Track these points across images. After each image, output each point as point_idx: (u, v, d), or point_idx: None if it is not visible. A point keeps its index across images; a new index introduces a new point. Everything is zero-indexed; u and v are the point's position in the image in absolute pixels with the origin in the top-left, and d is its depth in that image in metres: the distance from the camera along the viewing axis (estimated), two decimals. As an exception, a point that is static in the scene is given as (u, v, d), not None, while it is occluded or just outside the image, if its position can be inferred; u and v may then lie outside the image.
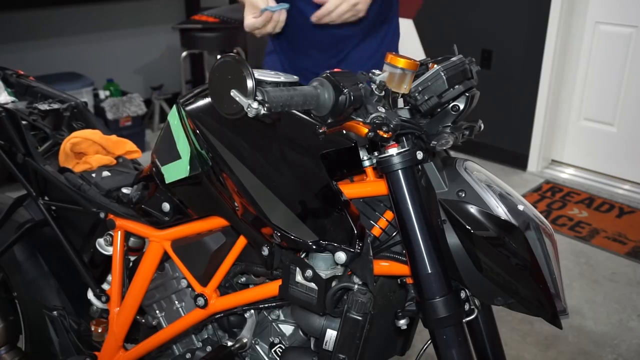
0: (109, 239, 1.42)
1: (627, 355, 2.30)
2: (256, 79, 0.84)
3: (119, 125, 3.93)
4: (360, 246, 0.99)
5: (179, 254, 1.28)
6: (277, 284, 1.11)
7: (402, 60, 0.93)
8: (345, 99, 0.91)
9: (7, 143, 1.60)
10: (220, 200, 1.15)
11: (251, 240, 1.15)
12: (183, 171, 1.20)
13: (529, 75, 3.71)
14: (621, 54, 3.49)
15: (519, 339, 2.36)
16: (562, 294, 1.00)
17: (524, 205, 1.00)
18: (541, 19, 3.56)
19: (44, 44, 4.02)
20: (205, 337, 1.38)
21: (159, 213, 1.30)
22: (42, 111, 1.70)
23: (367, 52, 1.73)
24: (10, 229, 1.65)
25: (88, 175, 1.53)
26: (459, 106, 0.99)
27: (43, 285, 1.66)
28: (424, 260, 0.97)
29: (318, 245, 1.01)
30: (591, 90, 3.68)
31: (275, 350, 1.24)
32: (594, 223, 3.26)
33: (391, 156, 0.96)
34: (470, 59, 1.03)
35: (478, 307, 1.06)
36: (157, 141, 1.31)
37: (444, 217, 0.98)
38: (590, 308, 2.57)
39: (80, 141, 1.58)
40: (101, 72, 4.19)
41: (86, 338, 1.61)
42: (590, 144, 3.76)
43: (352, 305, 1.03)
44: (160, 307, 1.41)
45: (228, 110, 0.87)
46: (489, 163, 3.90)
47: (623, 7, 3.43)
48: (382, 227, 1.07)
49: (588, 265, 2.89)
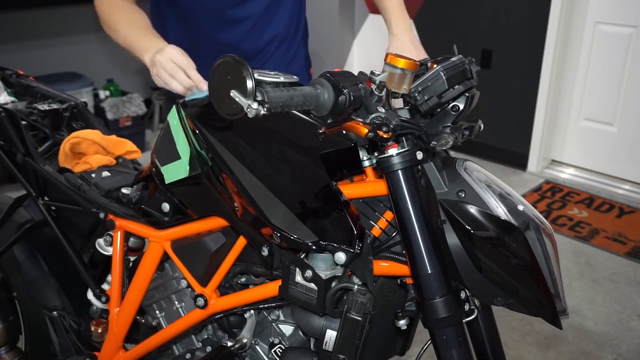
0: (108, 239, 1.42)
1: (627, 355, 2.29)
2: (256, 79, 0.84)
3: (119, 125, 3.94)
4: (360, 246, 0.99)
5: (178, 254, 1.28)
6: (276, 284, 1.11)
7: (401, 60, 0.93)
8: (345, 99, 0.91)
9: (7, 143, 1.60)
10: (220, 201, 1.15)
11: (251, 240, 1.15)
12: (183, 171, 1.20)
13: (529, 75, 3.71)
14: (621, 54, 3.49)
15: (519, 339, 2.36)
16: (562, 294, 1.00)
17: (524, 205, 1.00)
18: (541, 19, 3.56)
19: (44, 44, 4.02)
20: (205, 337, 1.38)
21: (158, 213, 1.30)
22: (41, 111, 1.70)
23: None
24: (10, 229, 1.65)
25: (88, 175, 1.53)
26: (459, 106, 0.99)
27: (43, 285, 1.66)
28: (423, 261, 0.96)
29: (318, 245, 1.01)
30: (591, 90, 3.68)
31: (275, 350, 1.24)
32: (594, 223, 3.26)
33: (391, 156, 0.96)
34: (470, 59, 1.03)
35: (478, 307, 1.06)
36: (157, 141, 1.31)
37: (444, 217, 0.98)
38: (590, 308, 2.57)
39: (80, 141, 1.58)
40: (101, 72, 4.19)
41: (86, 338, 1.61)
42: (590, 144, 3.76)
43: (352, 306, 1.03)
44: (160, 307, 1.41)
45: (228, 111, 0.87)
46: (489, 163, 3.90)
47: (623, 7, 3.43)
48: (382, 228, 1.07)
49: (588, 265, 2.89)
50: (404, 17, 1.55)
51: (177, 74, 1.30)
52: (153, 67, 1.34)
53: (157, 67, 1.32)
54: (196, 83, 1.29)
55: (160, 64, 1.31)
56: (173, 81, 1.30)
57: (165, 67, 1.31)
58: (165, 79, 1.32)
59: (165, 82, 1.32)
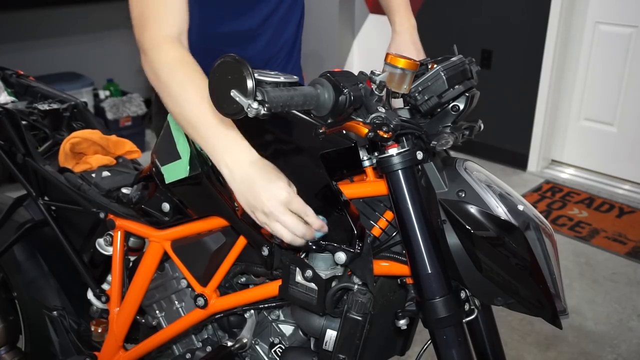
0: (108, 239, 1.42)
1: (627, 355, 2.29)
2: (256, 79, 0.84)
3: (119, 125, 3.93)
4: (360, 246, 0.99)
5: (178, 254, 1.28)
6: (277, 284, 1.11)
7: (402, 60, 0.93)
8: (345, 99, 0.91)
9: (7, 143, 1.60)
10: (220, 201, 1.15)
11: (251, 240, 1.15)
12: (183, 171, 1.20)
13: (529, 75, 3.71)
14: (621, 54, 3.49)
15: (519, 339, 2.36)
16: (562, 294, 1.00)
17: (524, 205, 1.00)
18: (541, 19, 3.56)
19: (44, 44, 4.02)
20: (205, 337, 1.38)
21: (158, 213, 1.30)
22: (41, 111, 1.70)
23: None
24: (10, 229, 1.65)
25: (88, 175, 1.53)
26: (459, 106, 0.99)
27: (43, 285, 1.66)
28: (423, 261, 0.96)
29: (318, 245, 1.01)
30: (591, 90, 3.67)
31: (275, 350, 1.24)
32: (594, 223, 3.26)
33: (391, 156, 0.96)
34: (470, 59, 1.03)
35: (478, 307, 1.06)
36: (157, 141, 1.31)
37: (444, 217, 0.98)
38: (590, 308, 2.57)
39: (80, 141, 1.58)
40: (101, 72, 4.18)
41: (86, 338, 1.61)
42: (590, 144, 3.76)
43: (352, 306, 1.03)
44: (160, 307, 1.41)
45: (228, 111, 0.87)
46: (489, 163, 3.90)
47: (623, 7, 3.43)
48: (382, 227, 1.07)
49: (588, 265, 2.88)
50: (408, 17, 1.53)
51: (298, 228, 0.99)
52: (261, 214, 1.01)
53: (269, 219, 1.00)
54: (318, 229, 1.01)
55: (273, 215, 0.99)
56: (296, 238, 1.00)
57: (282, 220, 0.99)
58: (281, 234, 1.00)
59: (282, 235, 1.00)
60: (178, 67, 1.09)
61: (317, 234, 1.01)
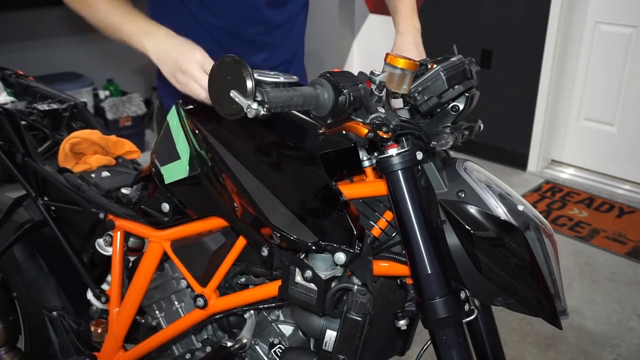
0: (108, 240, 1.42)
1: (627, 355, 2.29)
2: (256, 80, 0.84)
3: (119, 125, 3.93)
4: (360, 247, 0.99)
5: (178, 254, 1.28)
6: (276, 284, 1.11)
7: (401, 60, 0.93)
8: (345, 99, 0.91)
9: (7, 143, 1.60)
10: (220, 201, 1.15)
11: (251, 240, 1.15)
12: (182, 171, 1.20)
13: (529, 75, 3.71)
14: (621, 54, 3.49)
15: (519, 339, 2.36)
16: (562, 294, 1.00)
17: (524, 205, 1.00)
18: (541, 19, 3.56)
19: (44, 44, 4.02)
20: (205, 337, 1.38)
21: (158, 213, 1.30)
22: (41, 111, 1.70)
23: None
24: (10, 229, 1.65)
25: (87, 175, 1.53)
26: (459, 106, 0.99)
27: (43, 286, 1.66)
28: (423, 261, 0.96)
29: (317, 245, 1.01)
30: (591, 90, 3.67)
31: (275, 350, 1.24)
32: (594, 223, 3.26)
33: (391, 156, 0.96)
34: (470, 59, 1.03)
35: (478, 307, 1.06)
36: (157, 141, 1.31)
37: (444, 218, 0.98)
38: (590, 308, 2.57)
39: (79, 141, 1.58)
40: (101, 72, 4.18)
41: (86, 338, 1.60)
42: (590, 144, 3.76)
43: (351, 306, 1.03)
44: (159, 307, 1.41)
45: (227, 111, 0.87)
46: (489, 163, 3.90)
47: (623, 7, 3.43)
48: (381, 228, 1.07)
49: (588, 265, 2.88)
50: (413, 19, 1.54)
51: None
52: (180, 74, 1.17)
53: (187, 77, 1.17)
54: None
55: (189, 73, 1.16)
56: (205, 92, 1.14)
57: (197, 77, 1.16)
58: (197, 92, 1.17)
59: (198, 94, 1.17)
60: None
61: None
